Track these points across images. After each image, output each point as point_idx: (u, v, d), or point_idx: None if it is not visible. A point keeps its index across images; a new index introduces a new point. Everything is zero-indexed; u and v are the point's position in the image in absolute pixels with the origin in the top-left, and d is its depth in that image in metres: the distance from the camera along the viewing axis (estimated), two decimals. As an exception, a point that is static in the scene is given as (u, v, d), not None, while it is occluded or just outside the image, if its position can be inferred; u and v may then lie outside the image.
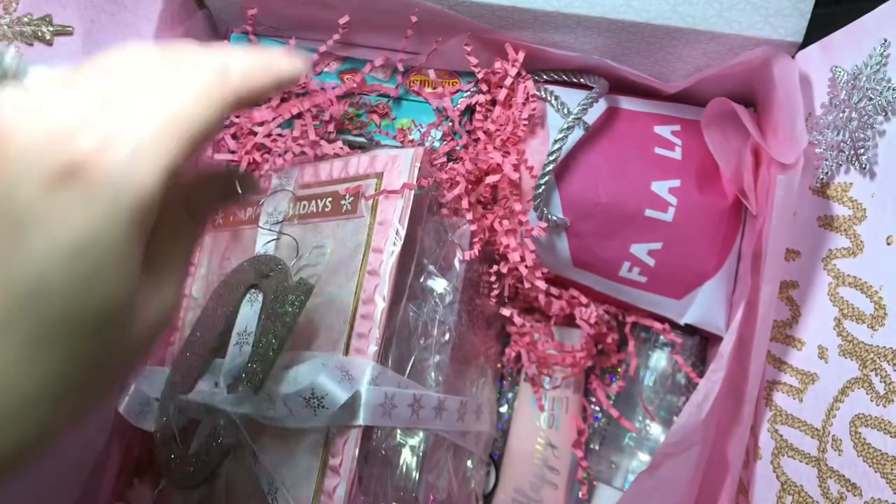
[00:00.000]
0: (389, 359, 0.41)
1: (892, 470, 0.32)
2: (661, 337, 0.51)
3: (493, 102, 0.49)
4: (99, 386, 0.22)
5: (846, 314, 0.36)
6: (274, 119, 0.48)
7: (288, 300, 0.38)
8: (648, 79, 0.46)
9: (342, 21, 0.46)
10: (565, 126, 0.44)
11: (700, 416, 0.39)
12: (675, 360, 0.51)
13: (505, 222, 0.47)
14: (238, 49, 0.23)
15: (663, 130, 0.47)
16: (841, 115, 0.38)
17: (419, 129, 0.49)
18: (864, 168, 0.36)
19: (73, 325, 0.20)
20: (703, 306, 0.48)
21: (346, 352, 0.39)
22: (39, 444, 0.21)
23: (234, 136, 0.48)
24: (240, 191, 0.29)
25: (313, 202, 0.45)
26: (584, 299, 0.50)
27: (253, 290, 0.42)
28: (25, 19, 0.42)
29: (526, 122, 0.46)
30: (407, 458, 0.44)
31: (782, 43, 0.41)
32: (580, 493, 0.52)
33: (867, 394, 0.34)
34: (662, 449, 0.40)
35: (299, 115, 0.48)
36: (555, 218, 0.45)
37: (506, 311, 0.48)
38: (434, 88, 0.49)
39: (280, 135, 0.48)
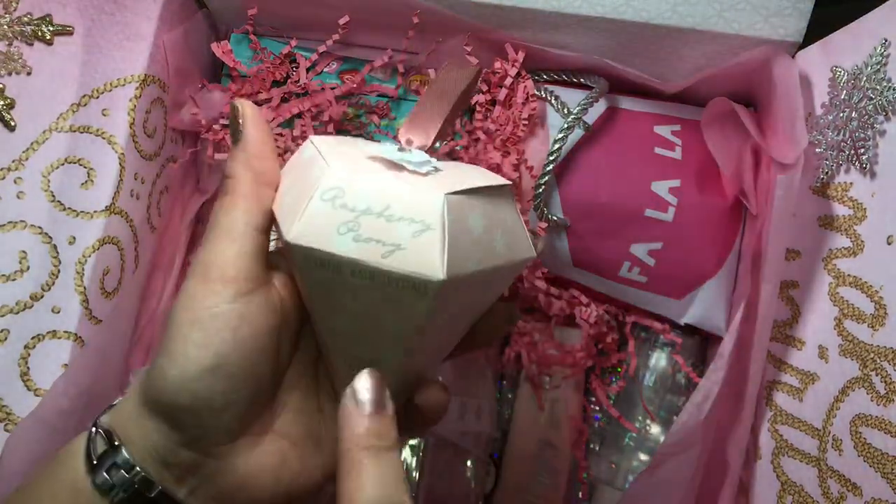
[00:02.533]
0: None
1: (892, 470, 0.32)
2: (661, 337, 0.51)
3: (493, 102, 0.49)
4: None
5: (846, 314, 0.36)
6: (273, 119, 0.48)
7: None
8: (648, 79, 0.46)
9: (342, 21, 0.46)
10: (565, 126, 0.44)
11: (700, 416, 0.39)
12: (676, 360, 0.51)
13: (505, 222, 0.47)
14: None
15: (663, 130, 0.47)
16: (841, 114, 0.38)
17: (419, 129, 0.49)
18: (865, 168, 0.36)
19: None
20: (703, 306, 0.48)
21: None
22: None
23: (234, 136, 0.48)
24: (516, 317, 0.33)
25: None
26: (584, 299, 0.50)
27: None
28: (25, 19, 0.42)
29: (526, 122, 0.46)
30: (407, 458, 0.44)
31: (782, 43, 0.41)
32: (580, 494, 0.52)
33: (868, 394, 0.34)
34: (662, 449, 0.40)
35: (299, 115, 0.48)
36: (555, 218, 0.45)
37: None
38: (434, 88, 0.49)
39: (280, 135, 0.48)
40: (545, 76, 0.48)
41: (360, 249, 0.25)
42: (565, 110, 0.45)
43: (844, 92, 0.38)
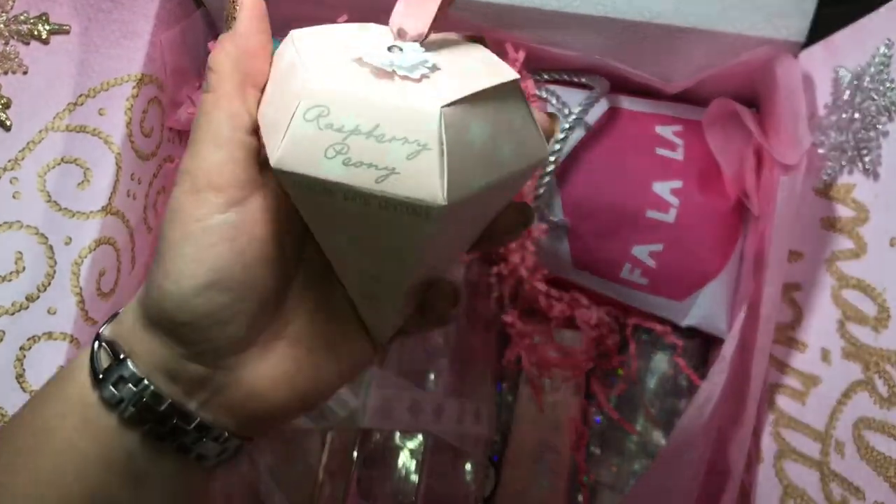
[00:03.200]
0: (389, 361, 0.40)
1: (895, 473, 0.31)
2: (663, 339, 0.51)
3: (494, 102, 0.48)
4: None
5: (849, 316, 0.36)
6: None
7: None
8: (650, 78, 0.46)
9: (341, 20, 0.46)
10: (566, 126, 0.44)
11: (702, 418, 0.39)
12: (677, 363, 0.50)
13: (505, 223, 0.47)
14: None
15: (665, 131, 0.47)
16: (844, 115, 0.37)
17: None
18: (868, 169, 0.36)
19: None
20: (705, 308, 0.47)
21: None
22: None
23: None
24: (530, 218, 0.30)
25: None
26: (584, 301, 0.50)
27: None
28: (22, 17, 0.42)
29: (526, 123, 0.46)
30: (406, 460, 0.44)
31: (785, 43, 0.41)
32: (580, 497, 0.52)
33: (870, 396, 0.34)
34: (664, 452, 0.40)
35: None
36: (555, 219, 0.45)
37: (507, 318, 0.48)
38: (434, 88, 0.49)
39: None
40: (546, 76, 0.48)
41: (350, 174, 0.22)
42: (566, 110, 0.45)
43: (847, 93, 0.37)
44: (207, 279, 0.24)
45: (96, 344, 0.26)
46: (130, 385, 0.25)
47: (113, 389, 0.25)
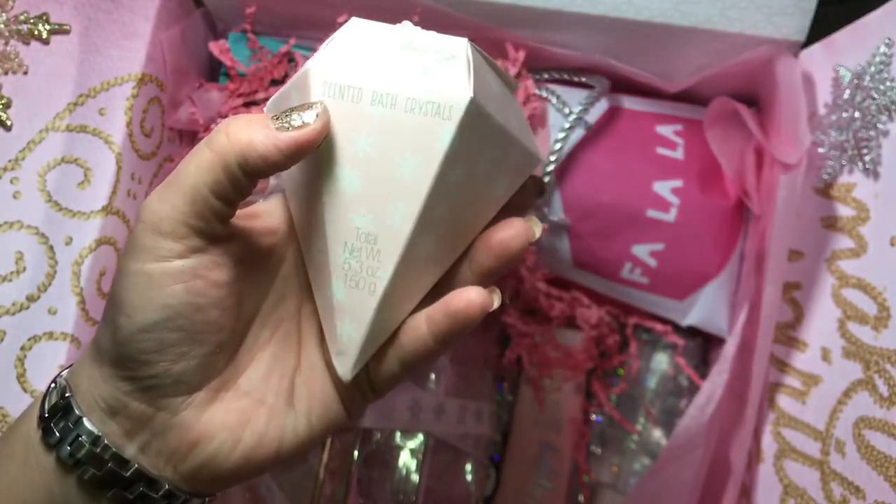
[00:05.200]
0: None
1: (895, 473, 0.31)
2: (663, 338, 0.51)
3: (494, 102, 0.48)
4: None
5: (850, 315, 0.36)
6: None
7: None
8: (650, 78, 0.46)
9: (341, 20, 0.45)
10: (567, 126, 0.44)
11: (703, 418, 0.39)
12: (677, 362, 0.50)
13: (505, 223, 0.47)
14: (252, 124, 0.25)
15: (665, 130, 0.47)
16: (844, 114, 0.37)
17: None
18: (868, 168, 0.36)
19: None
20: (706, 308, 0.47)
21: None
22: None
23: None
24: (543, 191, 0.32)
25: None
26: (585, 301, 0.50)
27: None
28: (22, 17, 0.42)
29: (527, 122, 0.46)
30: (406, 460, 0.44)
31: (785, 42, 0.41)
32: (581, 497, 0.52)
33: (871, 396, 0.34)
34: (665, 452, 0.40)
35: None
36: (556, 219, 0.45)
37: (508, 318, 0.48)
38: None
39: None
40: (546, 75, 0.48)
41: (383, 72, 0.25)
42: (566, 110, 0.45)
43: (848, 92, 0.37)
44: (160, 316, 0.24)
45: (52, 384, 0.26)
46: (69, 423, 0.25)
47: (53, 429, 0.25)
